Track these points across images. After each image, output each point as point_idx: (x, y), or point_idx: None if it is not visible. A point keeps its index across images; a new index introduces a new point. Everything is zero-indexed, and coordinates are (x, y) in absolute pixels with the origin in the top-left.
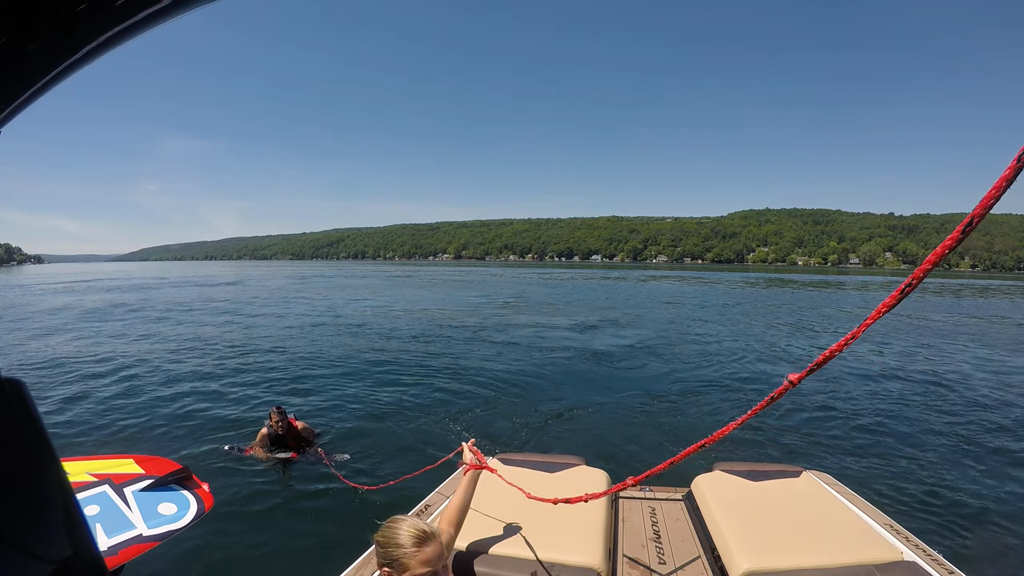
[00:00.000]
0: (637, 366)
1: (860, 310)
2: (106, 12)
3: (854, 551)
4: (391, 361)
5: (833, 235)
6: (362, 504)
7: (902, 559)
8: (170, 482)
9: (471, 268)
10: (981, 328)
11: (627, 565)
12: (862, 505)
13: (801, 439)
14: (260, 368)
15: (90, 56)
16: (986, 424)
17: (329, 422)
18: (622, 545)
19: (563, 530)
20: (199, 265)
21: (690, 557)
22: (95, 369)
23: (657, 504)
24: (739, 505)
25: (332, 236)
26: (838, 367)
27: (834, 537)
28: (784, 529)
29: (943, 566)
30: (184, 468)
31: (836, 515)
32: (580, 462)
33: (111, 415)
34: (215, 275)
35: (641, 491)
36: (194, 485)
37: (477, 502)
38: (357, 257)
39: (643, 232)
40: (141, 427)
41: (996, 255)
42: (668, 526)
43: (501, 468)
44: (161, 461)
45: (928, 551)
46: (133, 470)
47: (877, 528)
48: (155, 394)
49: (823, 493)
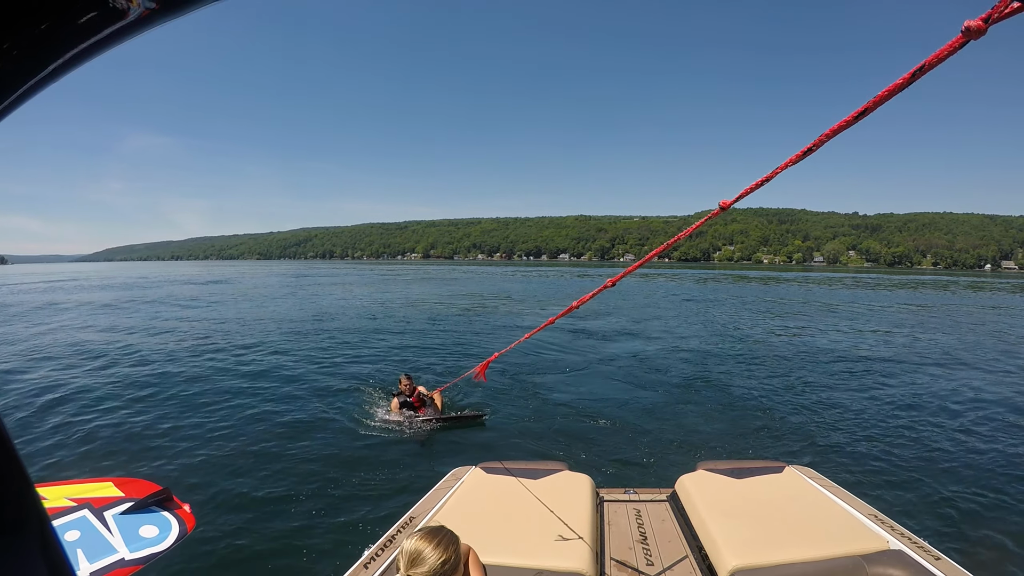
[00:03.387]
0: (615, 357)
1: (816, 301)
2: (70, 29)
3: (840, 543)
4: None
5: (798, 234)
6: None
7: (888, 548)
8: (151, 504)
9: (472, 267)
10: (949, 320)
11: (615, 568)
12: (846, 497)
13: (782, 435)
14: (242, 375)
15: (57, 74)
16: (962, 412)
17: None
18: (609, 548)
19: (550, 536)
20: (167, 265)
21: (677, 557)
22: (70, 389)
23: (642, 506)
24: (724, 503)
25: (300, 235)
26: (813, 364)
27: (820, 530)
28: (770, 524)
29: (929, 552)
30: (164, 489)
31: (821, 508)
32: (563, 467)
33: (88, 437)
34: (192, 275)
35: (626, 493)
36: (175, 506)
37: (462, 510)
38: (325, 257)
39: (611, 231)
40: (120, 448)
41: (957, 253)
42: (654, 527)
43: (484, 477)
44: (141, 483)
45: (914, 539)
46: (113, 493)
47: (862, 519)
48: (133, 412)
49: (807, 487)
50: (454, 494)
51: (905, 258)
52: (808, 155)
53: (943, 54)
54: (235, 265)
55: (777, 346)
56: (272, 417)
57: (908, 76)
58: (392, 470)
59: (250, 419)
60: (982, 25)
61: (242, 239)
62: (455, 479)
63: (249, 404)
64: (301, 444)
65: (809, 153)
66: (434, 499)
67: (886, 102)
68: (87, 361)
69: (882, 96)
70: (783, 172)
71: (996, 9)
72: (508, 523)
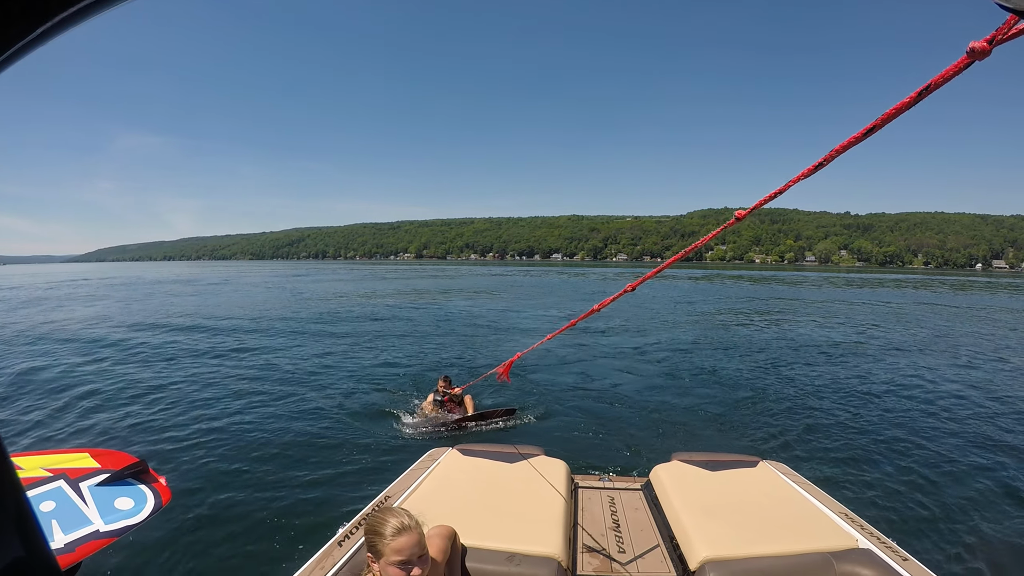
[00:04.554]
0: (606, 354)
1: (805, 297)
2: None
3: (810, 539)
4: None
5: (790, 233)
6: (326, 499)
7: (857, 547)
8: (127, 476)
9: (467, 267)
10: (928, 318)
11: (587, 554)
12: (817, 494)
13: (757, 429)
14: (223, 362)
15: (15, 56)
16: (936, 410)
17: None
18: (582, 534)
19: (523, 520)
20: (160, 266)
21: (649, 546)
22: (47, 362)
23: (616, 494)
24: (697, 494)
25: (292, 235)
26: (793, 361)
27: (790, 525)
28: (742, 518)
29: (897, 553)
30: (141, 461)
31: (792, 504)
32: (539, 452)
33: (66, 408)
34: (194, 275)
35: (600, 480)
36: (151, 479)
37: (437, 493)
38: (318, 257)
39: (603, 231)
40: (97, 420)
41: (948, 252)
42: (627, 515)
43: (460, 459)
44: (117, 455)
45: (882, 539)
46: (89, 464)
47: (832, 516)
48: (112, 387)
49: (779, 482)
50: (430, 475)
51: (896, 257)
52: (819, 169)
53: (948, 74)
54: (229, 265)
55: (759, 342)
56: (257, 401)
57: (915, 95)
58: (373, 454)
59: (233, 400)
60: (987, 46)
61: (235, 239)
62: (431, 460)
63: (234, 386)
64: (284, 426)
65: (820, 168)
66: (410, 479)
67: (893, 120)
68: (75, 346)
69: (889, 114)
70: (790, 182)
71: (1000, 31)
72: (482, 506)
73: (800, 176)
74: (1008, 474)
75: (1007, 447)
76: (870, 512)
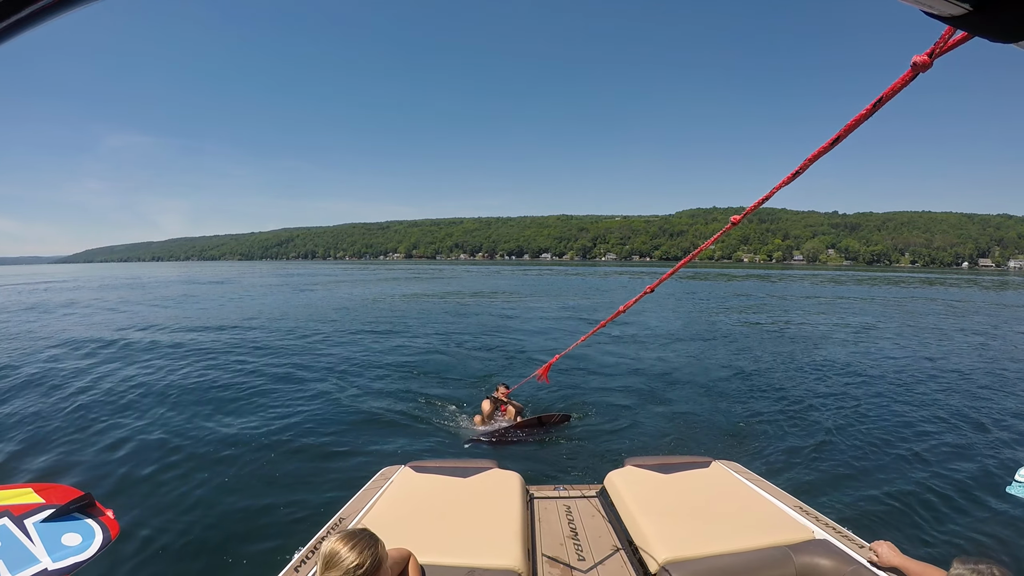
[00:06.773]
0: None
1: (799, 296)
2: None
3: (767, 534)
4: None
5: (778, 233)
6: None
7: (813, 538)
8: (73, 510)
9: (467, 266)
10: (894, 314)
11: (547, 564)
12: (771, 489)
13: (708, 431)
14: (176, 376)
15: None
16: (883, 400)
17: None
18: (541, 545)
19: (481, 534)
20: (149, 266)
21: (608, 551)
22: None
23: (572, 503)
24: (653, 498)
25: (281, 236)
26: (741, 362)
27: (747, 522)
28: (698, 518)
29: (853, 541)
30: (87, 495)
31: (747, 501)
32: (492, 465)
33: (5, 441)
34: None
35: (555, 490)
36: (98, 512)
37: (392, 512)
38: (307, 257)
39: (592, 231)
40: (37, 451)
41: (935, 251)
42: (584, 523)
43: (414, 476)
44: (62, 488)
45: (837, 528)
46: (33, 500)
47: (787, 510)
48: (51, 412)
49: (733, 481)
50: (383, 494)
51: (883, 256)
52: (796, 178)
53: (897, 87)
54: (218, 266)
55: (708, 345)
56: (204, 416)
57: (870, 107)
58: (327, 464)
59: (182, 423)
60: (927, 60)
61: (223, 239)
62: (384, 479)
63: (182, 408)
64: (235, 448)
65: (797, 176)
66: (363, 499)
67: (854, 131)
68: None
69: (850, 126)
70: (777, 186)
71: (937, 44)
72: (439, 522)
73: (780, 185)
74: (957, 457)
75: (956, 431)
76: (824, 503)
